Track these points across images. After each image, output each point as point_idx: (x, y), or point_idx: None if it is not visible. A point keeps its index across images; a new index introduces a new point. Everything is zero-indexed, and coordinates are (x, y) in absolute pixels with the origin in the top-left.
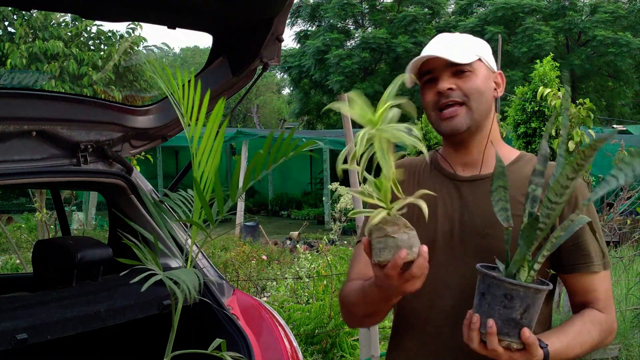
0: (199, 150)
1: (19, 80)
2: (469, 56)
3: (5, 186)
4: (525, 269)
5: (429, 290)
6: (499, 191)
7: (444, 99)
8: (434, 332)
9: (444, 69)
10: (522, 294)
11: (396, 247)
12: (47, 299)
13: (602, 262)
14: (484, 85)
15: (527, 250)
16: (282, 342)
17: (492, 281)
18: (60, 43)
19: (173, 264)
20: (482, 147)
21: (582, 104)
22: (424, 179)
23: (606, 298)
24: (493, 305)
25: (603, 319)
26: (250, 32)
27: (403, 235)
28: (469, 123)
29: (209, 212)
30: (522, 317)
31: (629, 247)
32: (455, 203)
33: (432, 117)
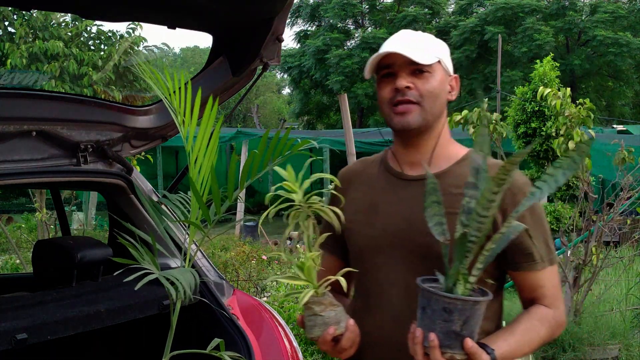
0: (194, 149)
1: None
2: (429, 57)
3: (6, 186)
4: (462, 282)
5: (375, 290)
6: (433, 207)
7: (400, 96)
8: (383, 329)
9: (404, 67)
10: (460, 307)
11: (324, 325)
12: (47, 299)
13: (548, 258)
14: (439, 87)
15: (461, 264)
16: (282, 342)
17: (430, 296)
18: (60, 43)
19: (172, 264)
20: (430, 146)
21: (582, 104)
22: (372, 179)
23: (553, 293)
24: (434, 319)
25: (550, 315)
26: (250, 32)
27: (330, 312)
28: (420, 122)
29: (206, 212)
30: (463, 329)
31: (629, 247)
32: (400, 202)
33: (385, 111)
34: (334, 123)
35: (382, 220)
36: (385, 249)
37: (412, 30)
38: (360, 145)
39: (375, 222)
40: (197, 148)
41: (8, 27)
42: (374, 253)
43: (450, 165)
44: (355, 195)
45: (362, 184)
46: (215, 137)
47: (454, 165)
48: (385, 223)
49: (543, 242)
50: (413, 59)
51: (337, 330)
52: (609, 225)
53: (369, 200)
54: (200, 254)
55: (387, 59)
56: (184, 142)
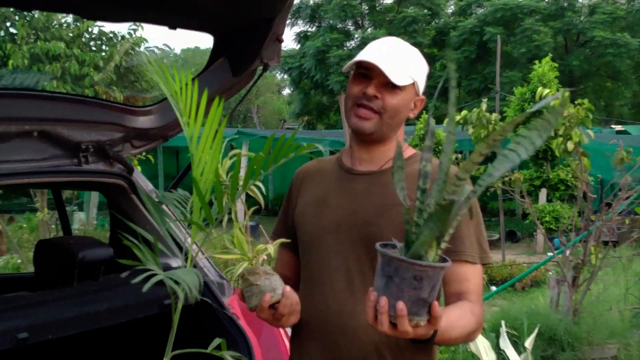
0: (198, 149)
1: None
2: (405, 78)
3: (7, 186)
4: (434, 249)
5: (318, 275)
6: (399, 172)
7: (365, 101)
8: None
9: (380, 76)
10: (430, 274)
11: (260, 293)
12: (48, 298)
13: (479, 255)
14: (404, 105)
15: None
16: (282, 342)
17: (400, 264)
18: (61, 44)
19: (174, 263)
20: (382, 150)
21: (581, 105)
22: (325, 175)
23: (478, 292)
24: (402, 287)
25: (478, 311)
26: (251, 33)
27: (265, 281)
28: (375, 130)
29: (208, 212)
30: (430, 295)
31: (627, 247)
32: (348, 194)
33: (348, 107)
34: (334, 123)
35: (329, 211)
36: (328, 238)
37: (401, 42)
38: None
39: (323, 213)
40: (201, 149)
41: (10, 28)
42: (320, 242)
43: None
44: (309, 191)
45: (315, 180)
46: (219, 137)
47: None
48: (332, 214)
49: (476, 239)
50: (390, 79)
51: (273, 297)
52: (608, 225)
53: (319, 194)
54: (201, 254)
55: (365, 63)
56: (188, 142)
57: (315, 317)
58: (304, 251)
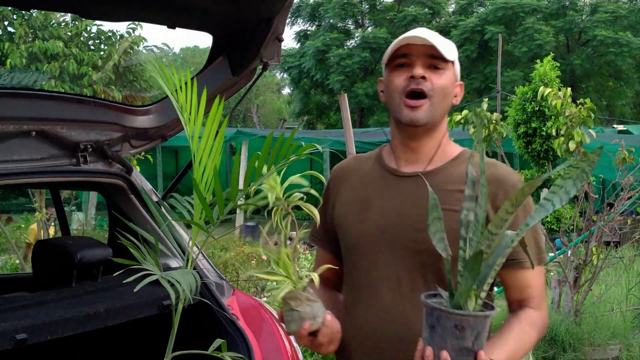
0: (199, 149)
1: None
2: (451, 54)
3: (5, 186)
4: (473, 298)
5: (365, 282)
6: (435, 223)
7: (414, 85)
8: (373, 323)
9: (421, 58)
10: (472, 323)
11: (300, 320)
12: (46, 299)
13: (537, 257)
14: (450, 87)
15: (473, 281)
16: (282, 342)
17: (441, 314)
18: (60, 43)
19: (173, 264)
20: (428, 145)
21: (583, 104)
22: (366, 175)
23: (540, 294)
24: (444, 337)
25: (539, 318)
26: (250, 32)
27: (306, 307)
28: (428, 119)
29: (209, 213)
30: (474, 344)
31: (629, 247)
32: (394, 198)
33: (395, 102)
34: (334, 123)
35: (374, 215)
36: (376, 244)
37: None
38: (360, 145)
39: (367, 217)
40: (202, 148)
41: (8, 27)
42: (366, 248)
43: (444, 163)
44: (348, 191)
45: (355, 180)
46: (220, 137)
47: (448, 163)
48: (378, 218)
49: (533, 240)
50: (437, 47)
51: (312, 325)
52: (610, 225)
53: (362, 196)
54: (201, 254)
55: (406, 48)
56: (189, 141)
57: (365, 329)
58: (347, 257)
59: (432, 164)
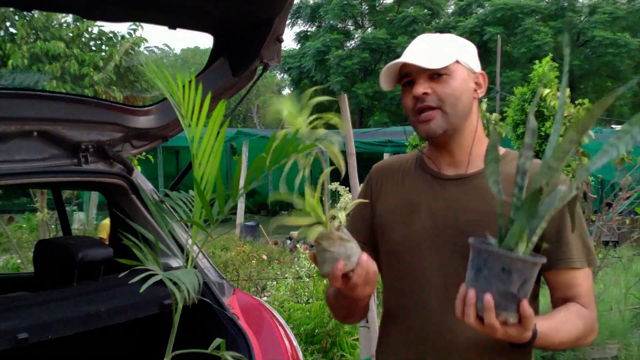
0: (199, 150)
1: (20, 81)
2: (443, 60)
3: (7, 186)
4: (524, 242)
5: (412, 288)
6: (492, 164)
7: (420, 104)
8: (420, 331)
9: (420, 73)
10: (520, 267)
11: (333, 260)
12: (48, 298)
13: (586, 258)
14: (460, 88)
15: (528, 222)
16: (282, 342)
17: (489, 255)
18: (61, 44)
19: (174, 263)
20: (464, 147)
21: (581, 105)
22: (408, 177)
23: (589, 295)
24: (490, 280)
25: (587, 314)
26: (251, 33)
27: (340, 248)
28: (445, 127)
29: (209, 212)
30: (519, 291)
31: (628, 247)
32: (440, 201)
33: (411, 120)
34: (334, 123)
35: (420, 219)
36: (422, 249)
37: (431, 34)
38: (360, 145)
39: (412, 221)
40: (202, 149)
41: (9, 28)
42: (411, 253)
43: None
44: (390, 193)
45: (396, 181)
46: (221, 138)
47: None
48: (424, 222)
49: (581, 241)
50: (422, 66)
51: (346, 265)
52: (608, 225)
53: (406, 199)
54: (201, 254)
55: (404, 68)
56: (190, 143)
57: (412, 336)
58: (390, 261)
59: (474, 164)
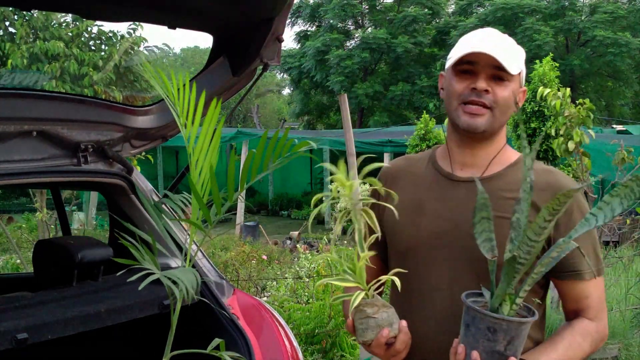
0: (195, 150)
1: (19, 81)
2: (516, 66)
3: (6, 186)
4: (508, 302)
5: (418, 289)
6: (482, 223)
7: (475, 97)
8: (425, 333)
9: (487, 68)
10: (505, 327)
11: (377, 327)
12: (47, 298)
13: (596, 268)
14: (511, 99)
15: (507, 286)
16: (282, 342)
17: (475, 314)
18: (61, 43)
19: (173, 263)
20: (489, 152)
21: (582, 104)
22: (419, 177)
23: (598, 305)
24: (477, 337)
25: (594, 330)
26: (251, 33)
27: (383, 314)
28: (487, 127)
29: (206, 213)
30: (506, 349)
31: (628, 247)
32: (449, 203)
33: (453, 106)
34: (334, 123)
35: (428, 220)
36: (430, 251)
37: (498, 32)
38: (360, 145)
39: (420, 222)
40: (199, 149)
41: (9, 28)
42: (418, 254)
43: (502, 168)
44: (400, 194)
45: (407, 182)
46: (217, 138)
47: (506, 168)
48: (432, 224)
49: (592, 251)
50: (504, 66)
51: (390, 332)
52: (609, 225)
53: (415, 200)
54: (201, 254)
55: (473, 56)
56: (186, 142)
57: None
58: (398, 262)
59: (489, 169)
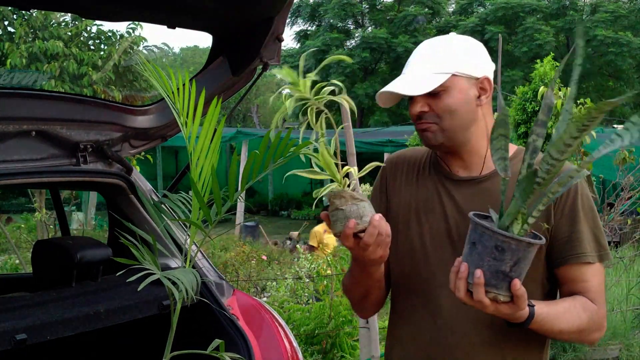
0: (196, 149)
1: (18, 80)
2: (434, 81)
3: (5, 186)
4: (519, 222)
5: (422, 288)
6: (499, 140)
7: (418, 121)
8: (430, 331)
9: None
10: (513, 246)
11: (345, 219)
12: (46, 299)
13: (598, 253)
14: (457, 101)
15: (523, 203)
16: (282, 343)
17: (484, 231)
18: (60, 43)
19: (172, 264)
20: (475, 152)
21: (583, 104)
22: (422, 176)
23: (598, 290)
24: (483, 256)
25: (594, 309)
26: (250, 32)
27: (352, 206)
28: (441, 140)
29: (207, 213)
30: (512, 270)
31: (629, 247)
32: (451, 203)
33: (416, 128)
34: None
35: (432, 219)
36: (434, 249)
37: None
38: (360, 145)
39: (424, 221)
40: (199, 148)
41: (8, 27)
42: (423, 252)
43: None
44: (404, 189)
45: (411, 177)
46: (218, 137)
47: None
48: (436, 222)
49: (592, 235)
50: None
51: (358, 224)
52: (610, 225)
53: (419, 198)
54: (200, 254)
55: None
56: (187, 142)
57: (422, 336)
58: (401, 259)
59: (487, 167)
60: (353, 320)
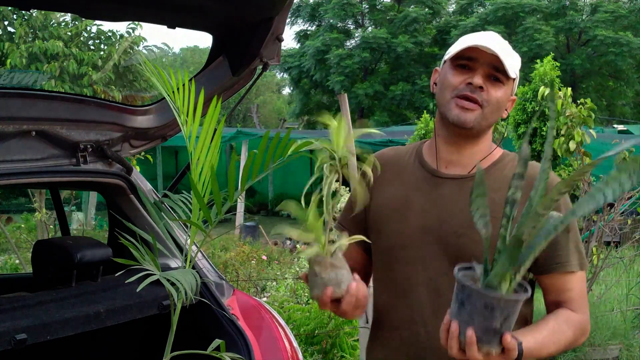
0: (196, 149)
1: (18, 80)
2: (513, 70)
3: (5, 186)
4: (507, 281)
5: (403, 287)
6: (478, 200)
7: (470, 92)
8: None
9: (485, 66)
10: (503, 305)
11: (323, 285)
12: (46, 299)
13: (579, 262)
14: (503, 101)
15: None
16: (282, 343)
17: (472, 292)
18: (60, 43)
19: (173, 264)
20: (472, 150)
21: (583, 104)
22: (406, 172)
23: (581, 298)
24: (473, 315)
25: (577, 320)
26: (250, 32)
27: (330, 274)
28: (475, 125)
29: (207, 213)
30: (502, 326)
31: (629, 247)
32: (434, 200)
33: (446, 99)
34: None
35: (414, 217)
36: (415, 247)
37: (500, 37)
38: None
39: (406, 218)
40: (199, 148)
41: (8, 27)
42: (404, 249)
43: (487, 165)
44: (386, 187)
45: (393, 175)
46: (218, 137)
47: (490, 166)
48: (417, 220)
49: (574, 245)
50: (504, 64)
51: (335, 292)
52: (610, 226)
53: (401, 195)
54: (200, 254)
55: (474, 52)
56: (187, 141)
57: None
58: (382, 257)
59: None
60: (353, 320)
